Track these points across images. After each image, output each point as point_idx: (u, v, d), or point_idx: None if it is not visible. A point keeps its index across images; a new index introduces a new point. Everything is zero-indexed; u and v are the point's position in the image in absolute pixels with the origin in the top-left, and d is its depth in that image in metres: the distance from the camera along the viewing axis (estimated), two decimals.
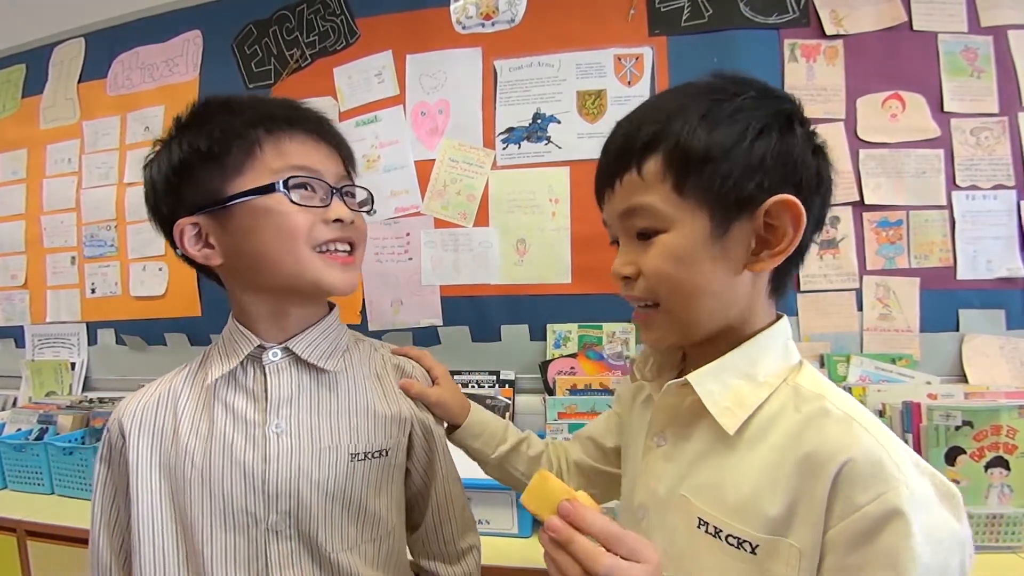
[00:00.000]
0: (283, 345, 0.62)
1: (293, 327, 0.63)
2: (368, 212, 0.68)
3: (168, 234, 0.61)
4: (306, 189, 0.59)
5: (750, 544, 0.45)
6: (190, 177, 0.58)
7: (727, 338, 0.50)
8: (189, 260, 0.61)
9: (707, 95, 0.47)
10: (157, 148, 0.61)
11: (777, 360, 0.50)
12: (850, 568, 0.40)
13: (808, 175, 0.47)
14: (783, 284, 0.52)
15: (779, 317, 0.52)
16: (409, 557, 0.73)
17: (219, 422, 0.60)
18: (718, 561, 0.46)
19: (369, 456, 0.63)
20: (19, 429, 1.51)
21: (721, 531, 0.46)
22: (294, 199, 0.57)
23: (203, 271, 0.65)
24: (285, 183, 0.57)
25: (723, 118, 0.45)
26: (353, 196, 0.65)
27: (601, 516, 0.42)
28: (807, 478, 0.43)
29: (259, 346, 0.61)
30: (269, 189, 0.56)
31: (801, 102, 0.50)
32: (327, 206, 0.59)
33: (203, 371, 0.64)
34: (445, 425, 0.74)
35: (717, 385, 0.48)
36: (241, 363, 0.61)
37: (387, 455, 0.65)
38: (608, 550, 0.40)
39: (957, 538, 0.40)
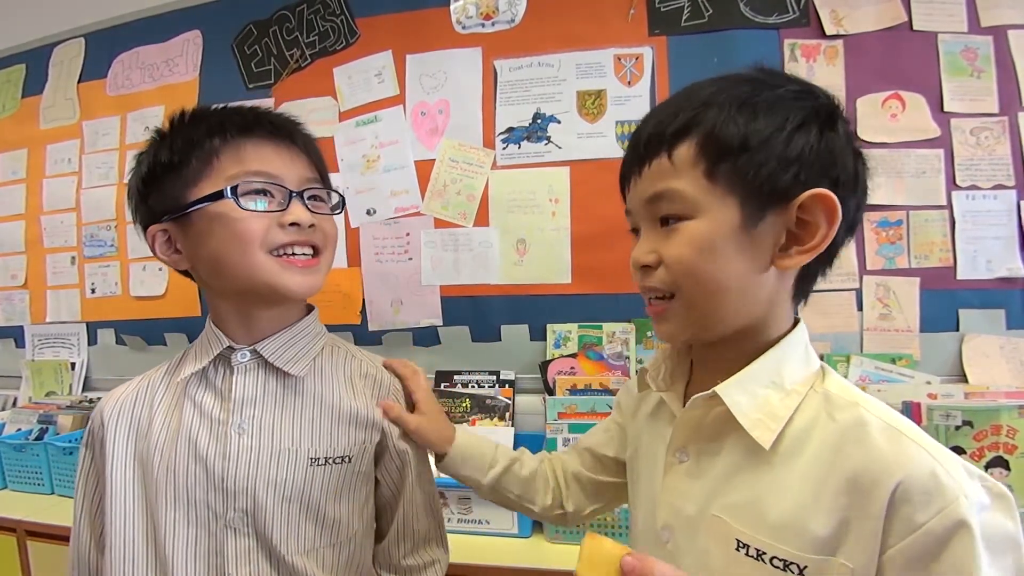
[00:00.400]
0: (252, 347, 0.64)
1: (264, 329, 0.64)
2: (336, 213, 0.68)
3: (142, 232, 0.65)
4: (263, 194, 0.60)
5: (798, 566, 0.42)
6: (156, 187, 0.61)
7: (741, 342, 0.48)
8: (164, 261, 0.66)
9: (747, 84, 0.46)
10: (136, 159, 0.65)
11: (801, 366, 0.47)
12: None
13: (847, 175, 0.45)
14: (808, 287, 0.50)
15: (797, 321, 0.50)
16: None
17: (187, 418, 0.63)
18: None
19: (330, 461, 0.64)
20: (19, 429, 1.51)
21: (764, 553, 0.44)
22: (243, 205, 0.58)
23: (183, 273, 0.68)
24: (233, 189, 0.58)
25: (762, 108, 0.44)
26: (321, 199, 0.65)
27: (665, 565, 0.40)
28: (858, 496, 0.41)
29: (228, 347, 0.63)
30: (218, 196, 0.58)
31: (841, 103, 0.48)
32: (284, 210, 0.60)
33: (179, 369, 0.67)
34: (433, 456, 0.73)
35: (745, 396, 0.46)
36: (212, 362, 0.64)
37: (349, 462, 0.65)
38: None
39: (1011, 538, 0.40)
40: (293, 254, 0.61)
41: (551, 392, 1.36)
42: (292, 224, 0.60)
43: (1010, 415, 1.00)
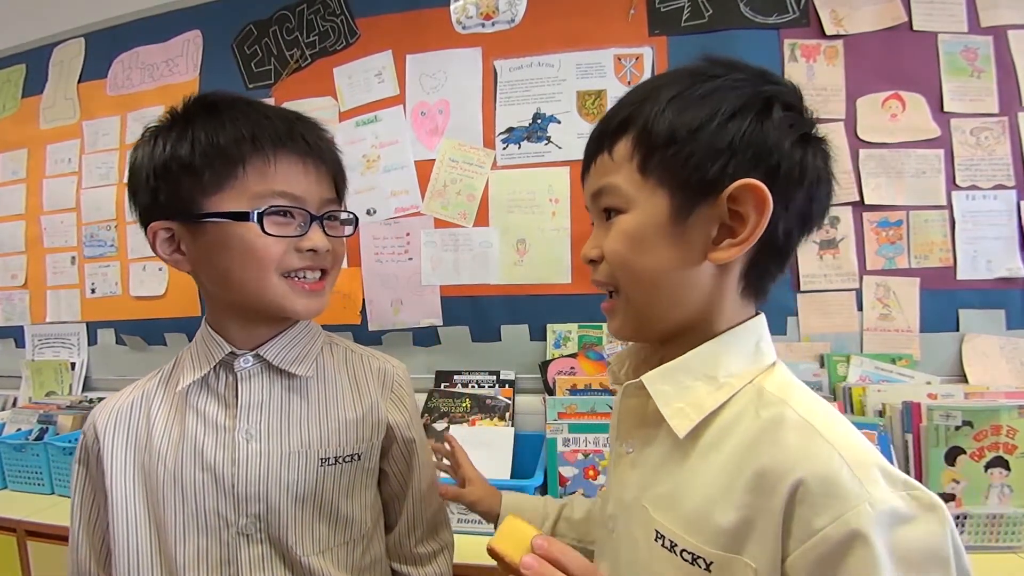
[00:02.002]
0: (254, 351, 0.62)
1: (264, 333, 0.64)
2: (349, 236, 0.67)
3: (143, 228, 0.61)
4: (284, 216, 0.58)
5: (704, 561, 0.42)
6: (168, 182, 0.57)
7: (688, 337, 0.47)
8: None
9: (686, 77, 0.45)
10: (146, 135, 0.60)
11: (744, 361, 0.46)
12: None
13: (788, 164, 0.43)
14: (761, 283, 0.48)
15: (754, 315, 0.48)
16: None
17: (190, 427, 0.61)
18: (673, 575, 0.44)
19: (340, 460, 0.64)
20: (19, 429, 1.51)
21: (676, 545, 0.43)
22: (268, 230, 0.56)
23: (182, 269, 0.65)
24: (260, 215, 0.56)
25: (695, 99, 0.43)
26: (335, 219, 0.64)
27: (575, 552, 0.41)
28: (761, 494, 0.40)
29: (230, 352, 0.62)
30: (243, 217, 0.56)
31: (798, 89, 0.47)
32: (303, 234, 0.59)
33: (175, 376, 0.65)
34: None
35: (671, 386, 0.46)
36: (213, 368, 0.62)
37: (359, 459, 0.66)
38: None
39: (935, 555, 0.36)
40: (303, 277, 0.61)
41: (551, 392, 1.36)
42: (309, 249, 0.59)
43: (1010, 415, 1.00)
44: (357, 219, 0.68)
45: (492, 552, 0.42)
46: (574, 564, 0.40)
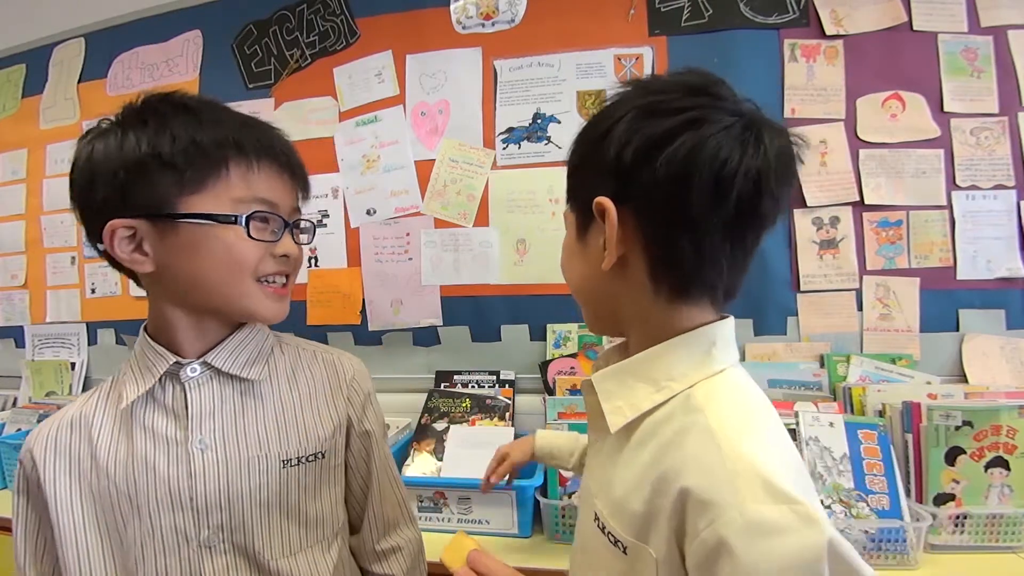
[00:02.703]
0: (202, 359, 0.60)
1: (213, 339, 0.62)
2: (308, 244, 0.67)
3: (90, 225, 0.57)
4: (264, 222, 0.59)
5: (622, 544, 0.46)
6: (142, 177, 0.54)
7: (645, 336, 0.49)
8: (108, 256, 0.58)
9: (602, 103, 0.51)
10: (104, 128, 0.57)
11: (687, 366, 0.47)
12: None
13: (649, 171, 0.43)
14: (680, 287, 0.47)
15: (718, 320, 0.49)
16: None
17: (139, 444, 0.59)
18: (605, 555, 0.48)
19: (303, 460, 0.63)
20: (19, 429, 1.51)
21: (605, 527, 0.48)
22: (252, 234, 0.57)
23: (122, 271, 0.60)
24: (248, 218, 0.56)
25: (587, 128, 0.50)
26: (299, 227, 0.65)
27: (500, 563, 0.51)
28: (659, 494, 0.42)
29: (175, 362, 0.59)
30: (229, 219, 0.56)
31: (675, 83, 0.48)
32: (277, 240, 0.60)
33: (115, 392, 0.62)
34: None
35: (616, 385, 0.49)
36: (159, 381, 0.59)
37: (323, 457, 0.65)
38: None
39: (808, 566, 0.36)
40: (273, 282, 0.61)
41: (551, 392, 1.36)
42: (283, 255, 0.60)
43: (1010, 415, 1.00)
44: (315, 227, 0.70)
45: (441, 563, 0.54)
46: (496, 570, 0.50)
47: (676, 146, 0.43)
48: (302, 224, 0.65)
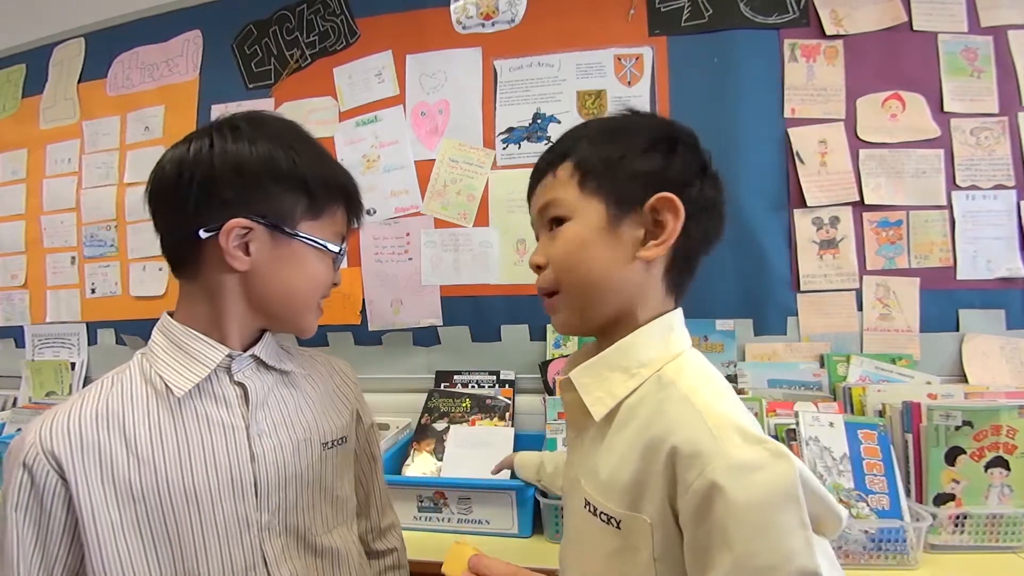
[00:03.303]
0: (249, 352, 0.64)
1: (251, 337, 0.66)
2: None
3: (202, 215, 0.58)
4: (342, 257, 0.68)
5: (615, 520, 0.50)
6: (278, 190, 0.60)
7: (617, 331, 0.55)
8: (174, 248, 0.61)
9: (614, 120, 0.59)
10: (231, 132, 0.60)
11: (652, 352, 0.53)
12: (699, 546, 0.44)
13: (692, 191, 0.54)
14: (681, 281, 0.57)
15: (672, 310, 0.56)
16: None
17: (192, 433, 0.59)
18: (597, 537, 0.52)
19: (335, 443, 0.70)
20: (19, 429, 1.51)
21: (597, 509, 0.51)
22: (336, 265, 0.67)
23: (180, 263, 0.62)
24: (340, 252, 0.66)
25: (618, 137, 0.56)
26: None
27: (502, 562, 0.52)
28: (649, 460, 0.47)
29: (227, 355, 0.61)
30: (333, 250, 0.65)
31: (692, 135, 0.57)
32: (335, 271, 0.68)
33: (149, 385, 0.60)
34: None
35: (592, 379, 0.55)
36: (214, 371, 0.61)
37: (346, 442, 0.72)
38: None
39: (784, 492, 0.41)
40: (319, 305, 0.68)
41: (551, 392, 1.36)
42: (333, 284, 0.68)
43: (1010, 415, 1.00)
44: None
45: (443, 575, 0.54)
46: (501, 570, 0.51)
47: (715, 172, 0.57)
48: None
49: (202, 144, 0.59)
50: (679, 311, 0.57)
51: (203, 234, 0.57)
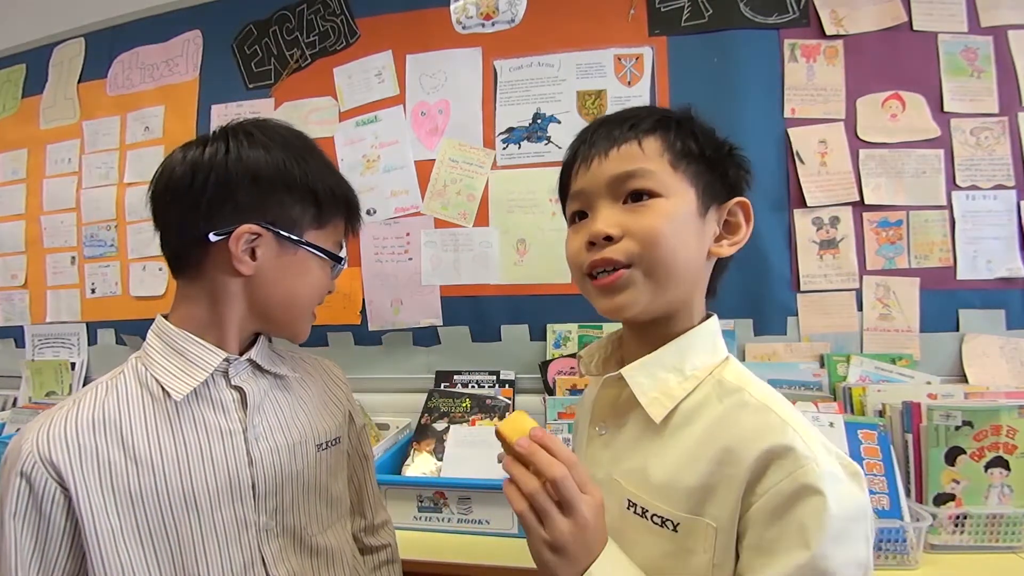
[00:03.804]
0: (246, 357, 0.65)
1: (246, 341, 0.67)
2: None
3: (212, 219, 0.58)
4: (340, 266, 0.69)
5: (672, 523, 0.49)
6: (289, 199, 0.61)
7: (666, 327, 0.55)
8: (178, 249, 0.61)
9: (684, 110, 0.60)
10: (249, 138, 0.61)
11: (705, 355, 0.54)
12: (768, 541, 0.45)
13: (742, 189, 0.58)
14: (716, 285, 0.59)
15: (709, 316, 0.58)
16: None
17: (190, 438, 0.59)
18: (644, 538, 0.51)
19: (329, 444, 0.71)
20: (19, 429, 1.51)
21: (647, 511, 0.51)
22: (333, 273, 0.69)
23: (183, 264, 0.62)
24: (340, 261, 0.68)
25: (709, 131, 0.58)
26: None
27: (562, 443, 0.48)
28: (727, 464, 0.47)
29: (225, 359, 0.62)
30: (336, 259, 0.66)
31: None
32: (333, 279, 0.70)
33: (146, 389, 0.60)
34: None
35: (647, 378, 0.54)
36: (211, 376, 0.61)
37: (339, 442, 0.74)
38: None
39: (862, 509, 0.46)
40: (313, 312, 0.70)
41: (551, 392, 1.36)
42: (328, 291, 0.69)
43: (1010, 415, 1.00)
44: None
45: (498, 433, 0.50)
46: (560, 450, 0.47)
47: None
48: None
49: (217, 148, 0.60)
50: (716, 318, 0.57)
51: (213, 237, 0.58)
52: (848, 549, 0.44)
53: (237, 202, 0.59)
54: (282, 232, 0.61)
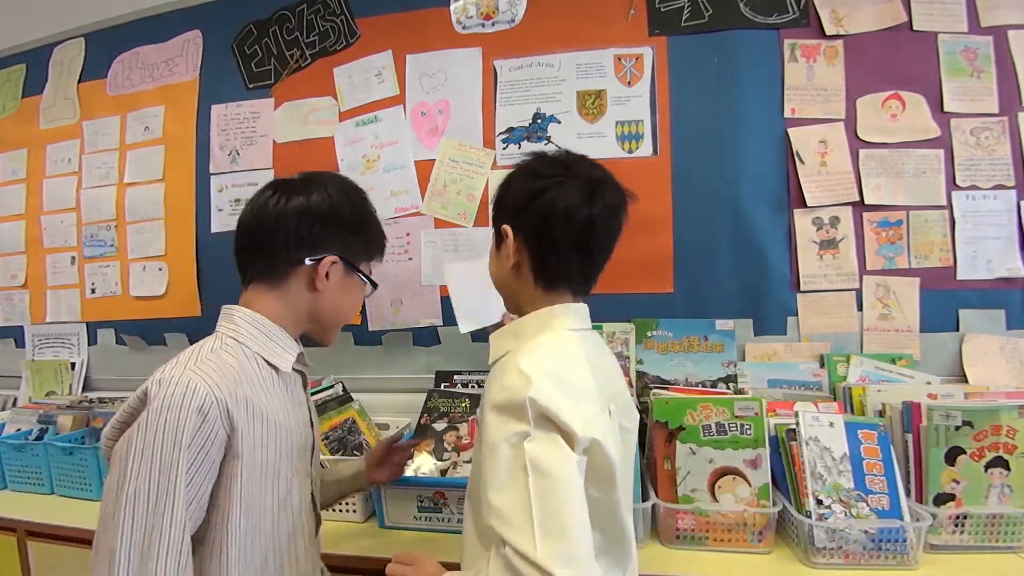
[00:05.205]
0: (300, 351, 0.82)
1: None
2: None
3: (302, 248, 0.77)
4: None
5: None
6: (358, 235, 0.82)
7: (523, 313, 0.78)
8: (274, 265, 0.77)
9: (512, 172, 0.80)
10: (318, 186, 0.80)
11: (534, 330, 0.74)
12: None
13: (526, 216, 0.74)
14: (549, 281, 0.75)
15: (559, 304, 0.75)
16: None
17: (288, 405, 0.78)
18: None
19: (315, 427, 0.89)
20: (19, 429, 1.51)
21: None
22: (366, 293, 0.87)
23: (273, 276, 0.78)
24: (375, 285, 0.86)
25: (500, 187, 0.79)
26: None
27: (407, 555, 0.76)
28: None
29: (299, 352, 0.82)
30: (374, 284, 0.85)
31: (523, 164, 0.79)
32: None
33: (255, 360, 0.75)
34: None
35: (495, 340, 0.79)
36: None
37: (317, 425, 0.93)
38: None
39: (518, 406, 0.62)
40: None
41: None
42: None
43: (1010, 415, 1.00)
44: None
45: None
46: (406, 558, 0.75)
47: (545, 197, 0.73)
48: None
49: (320, 195, 0.78)
50: (569, 305, 0.76)
51: (308, 261, 0.77)
52: (508, 425, 0.62)
53: (325, 237, 0.78)
54: (351, 262, 0.80)
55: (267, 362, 0.76)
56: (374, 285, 0.85)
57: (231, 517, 0.68)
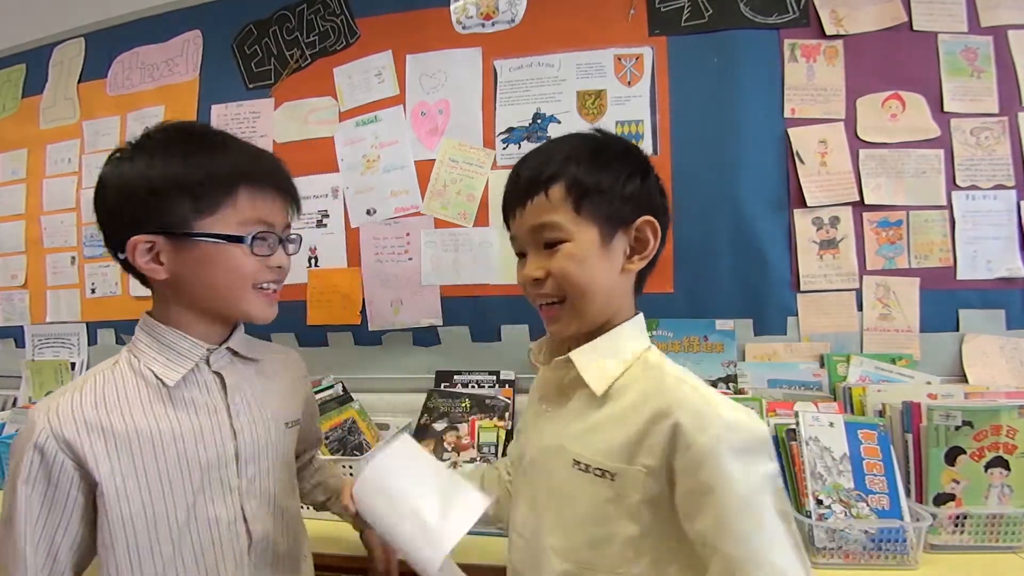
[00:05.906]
0: (225, 345, 0.74)
1: (222, 332, 0.75)
2: (293, 254, 0.77)
3: (114, 237, 0.67)
4: (262, 240, 0.70)
5: (611, 473, 0.62)
6: (162, 201, 0.65)
7: (599, 328, 0.67)
8: (127, 264, 0.68)
9: (586, 140, 0.68)
10: (128, 153, 0.67)
11: (633, 343, 0.67)
12: (701, 483, 0.56)
13: (660, 207, 0.67)
14: (642, 286, 0.71)
15: (637, 312, 0.70)
16: None
17: (183, 416, 0.69)
18: (589, 489, 0.63)
19: (293, 424, 0.82)
20: (19, 429, 1.51)
21: (590, 466, 0.63)
22: (254, 251, 0.69)
23: (136, 275, 0.70)
24: (252, 237, 0.68)
25: (604, 163, 0.65)
26: (290, 241, 0.76)
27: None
28: (655, 422, 0.59)
29: (207, 349, 0.71)
30: (237, 239, 0.67)
31: (648, 158, 0.69)
32: (272, 254, 0.71)
33: (140, 378, 0.68)
34: None
35: (588, 362, 0.66)
36: (196, 364, 0.71)
37: (298, 424, 0.85)
38: None
39: (759, 438, 0.58)
40: (267, 288, 0.73)
41: None
42: (276, 266, 0.72)
43: (1010, 415, 0.99)
44: (301, 239, 0.80)
45: None
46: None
47: (656, 176, 0.69)
48: (291, 237, 0.76)
49: (106, 173, 0.67)
50: (642, 315, 0.70)
51: (120, 255, 0.67)
52: (757, 467, 0.56)
53: (122, 221, 0.66)
54: (170, 232, 0.65)
55: (155, 375, 0.68)
56: (234, 239, 0.67)
57: (116, 548, 0.64)
